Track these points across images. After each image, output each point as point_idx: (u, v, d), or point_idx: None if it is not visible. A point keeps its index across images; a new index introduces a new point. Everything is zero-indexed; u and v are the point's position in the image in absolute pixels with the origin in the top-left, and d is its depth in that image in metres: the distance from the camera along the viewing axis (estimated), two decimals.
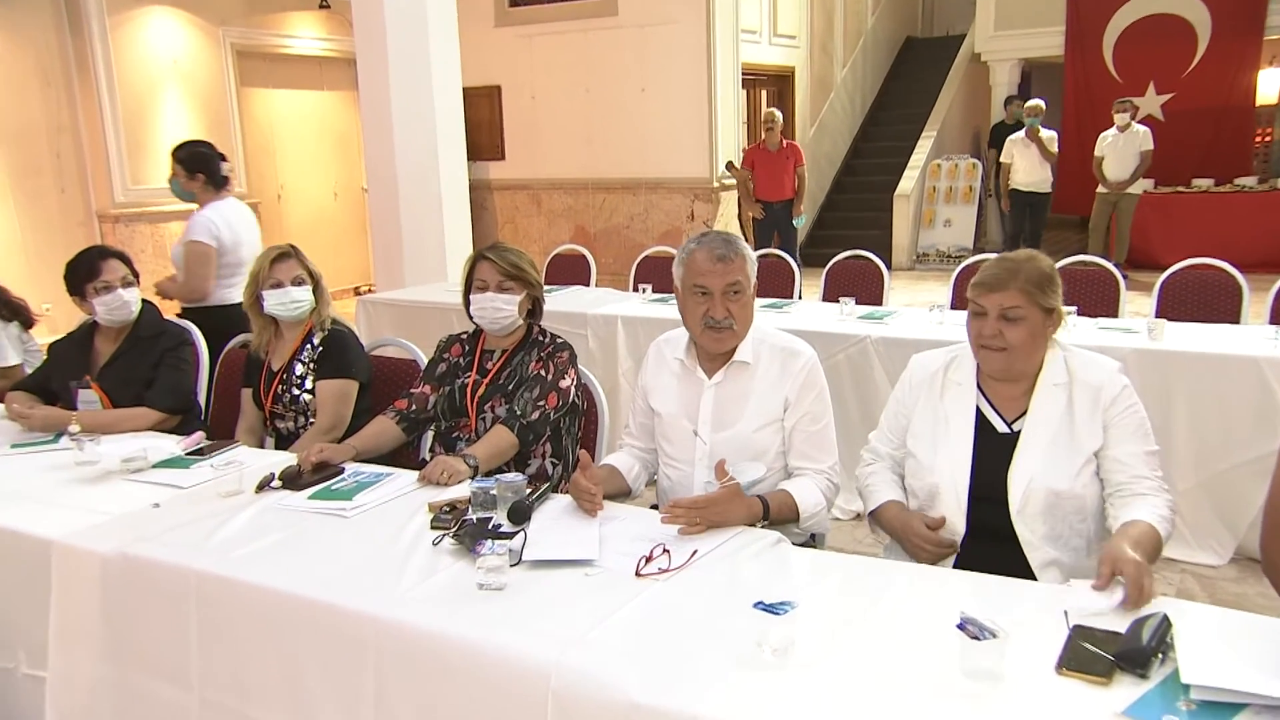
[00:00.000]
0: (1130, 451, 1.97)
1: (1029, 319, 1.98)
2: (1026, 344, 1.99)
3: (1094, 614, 1.55)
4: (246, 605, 1.80)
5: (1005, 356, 2.00)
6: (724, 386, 2.26)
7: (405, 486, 2.27)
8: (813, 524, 2.18)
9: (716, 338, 2.20)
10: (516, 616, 1.63)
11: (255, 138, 9.17)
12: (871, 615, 1.60)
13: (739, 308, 2.19)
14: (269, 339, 2.99)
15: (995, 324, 1.99)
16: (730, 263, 2.18)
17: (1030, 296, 1.98)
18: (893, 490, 2.17)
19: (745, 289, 2.20)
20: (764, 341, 2.27)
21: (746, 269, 2.21)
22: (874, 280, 5.01)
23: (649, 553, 1.80)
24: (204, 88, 8.57)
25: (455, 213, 6.52)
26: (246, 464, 2.43)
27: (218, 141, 4.65)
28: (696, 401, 2.28)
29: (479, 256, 2.67)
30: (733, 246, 2.20)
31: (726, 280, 2.17)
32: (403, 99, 6.13)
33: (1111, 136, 8.48)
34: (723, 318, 2.18)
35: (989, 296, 2.00)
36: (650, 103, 9.15)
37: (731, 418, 2.24)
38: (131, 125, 7.94)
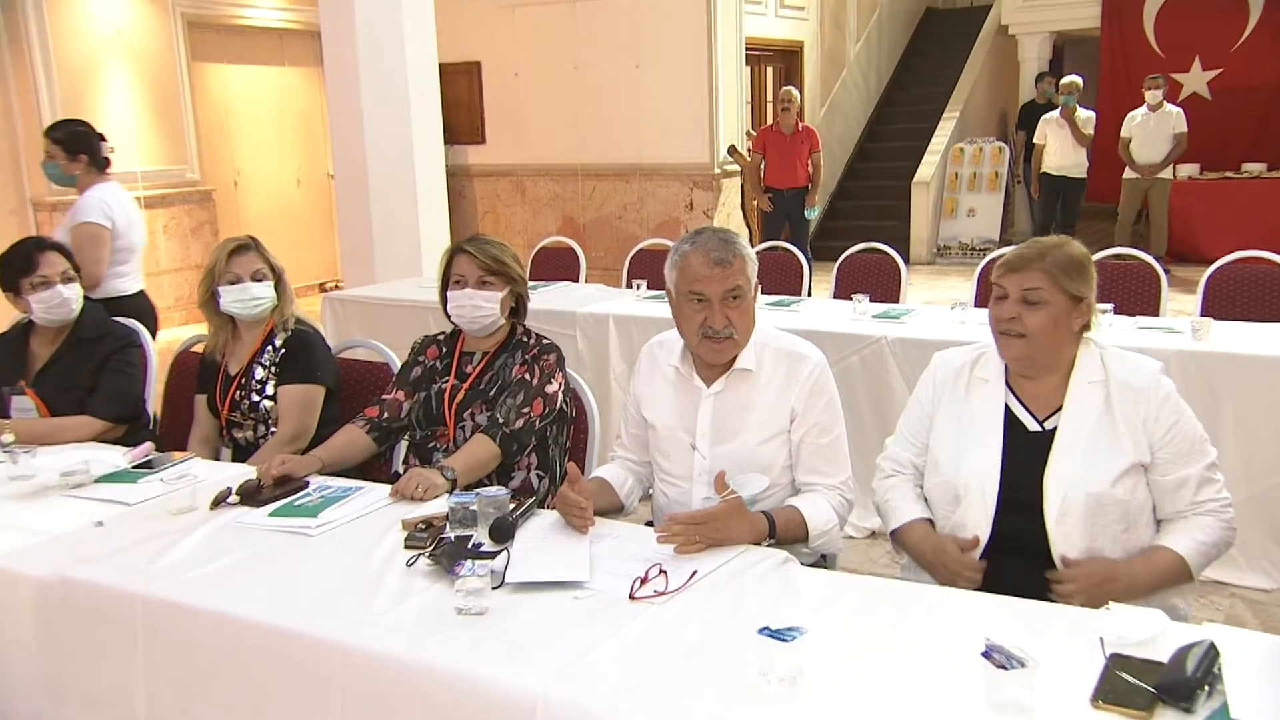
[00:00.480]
0: (1185, 476, 2.00)
1: (1051, 304, 2.00)
2: (1047, 331, 2.01)
3: (1134, 641, 1.55)
4: (199, 634, 1.80)
5: (1023, 344, 2.01)
6: (724, 396, 2.26)
7: (376, 502, 2.26)
8: (823, 543, 2.18)
9: (716, 348, 2.20)
10: (499, 644, 1.62)
11: (209, 118, 9.17)
12: (888, 642, 1.61)
13: (739, 315, 2.18)
14: (225, 340, 2.99)
15: (1014, 307, 2.02)
16: (729, 266, 2.16)
17: (1054, 280, 2.00)
18: (918, 507, 2.17)
19: (746, 293, 2.19)
20: (767, 346, 2.27)
21: (747, 271, 2.20)
22: (890, 276, 5.02)
23: (644, 574, 1.81)
24: (151, 62, 8.56)
25: (431, 201, 6.52)
26: (200, 478, 2.42)
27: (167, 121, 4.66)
28: (694, 412, 2.28)
29: (457, 249, 2.68)
30: (731, 247, 2.18)
31: (725, 286, 2.16)
32: (373, 76, 6.13)
33: (1141, 116, 8.50)
34: (722, 327, 2.17)
35: (1010, 277, 2.03)
36: (645, 81, 9.16)
37: (733, 430, 2.24)
38: (70, 104, 7.91)
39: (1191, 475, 2.00)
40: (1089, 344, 2.08)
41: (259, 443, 2.91)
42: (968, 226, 10.31)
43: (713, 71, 8.92)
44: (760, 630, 1.62)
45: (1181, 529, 2.00)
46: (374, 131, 6.20)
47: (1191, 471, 2.00)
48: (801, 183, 7.94)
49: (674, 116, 9.11)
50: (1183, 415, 2.02)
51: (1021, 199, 10.72)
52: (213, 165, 9.21)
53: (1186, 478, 2.00)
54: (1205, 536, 1.98)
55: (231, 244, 2.94)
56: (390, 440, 2.74)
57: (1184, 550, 1.96)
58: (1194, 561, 1.96)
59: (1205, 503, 2.01)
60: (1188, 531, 1.99)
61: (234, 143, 9.50)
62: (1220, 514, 2.01)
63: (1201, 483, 2.01)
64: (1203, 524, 1.99)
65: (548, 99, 9.62)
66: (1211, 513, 2.01)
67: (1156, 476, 2.01)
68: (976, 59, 11.41)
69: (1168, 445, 2.00)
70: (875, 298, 4.47)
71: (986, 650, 1.50)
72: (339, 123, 6.30)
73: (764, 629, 1.62)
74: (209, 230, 9.06)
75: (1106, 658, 1.52)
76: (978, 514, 2.05)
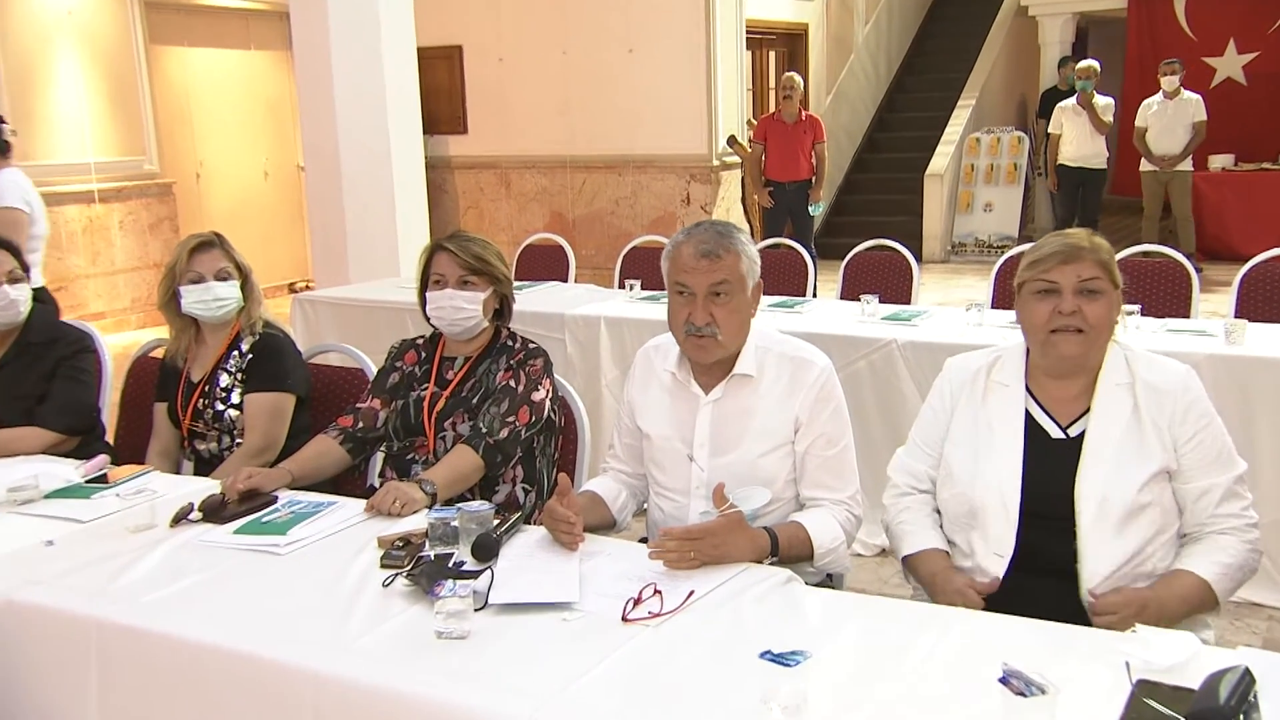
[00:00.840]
0: (1209, 486, 2.01)
1: (1108, 294, 2.03)
2: (1107, 325, 2.03)
3: (1162, 667, 1.56)
4: (159, 661, 1.80)
5: (1084, 340, 2.02)
6: (723, 404, 2.27)
7: (350, 518, 2.27)
8: (830, 562, 2.19)
9: (698, 345, 2.21)
10: (481, 670, 1.63)
11: (168, 106, 9.16)
12: (898, 667, 1.61)
13: (726, 313, 2.19)
14: (188, 344, 2.99)
15: (1074, 299, 2.02)
16: (717, 260, 2.18)
17: (1106, 268, 2.04)
18: (932, 534, 2.17)
19: (735, 291, 2.19)
20: (770, 350, 2.28)
21: (740, 267, 2.20)
22: (901, 275, 5.04)
23: (637, 594, 1.81)
24: (106, 45, 8.55)
25: (409, 196, 6.52)
26: (159, 493, 2.42)
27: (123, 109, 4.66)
28: (691, 421, 2.28)
29: (436, 247, 2.68)
30: (724, 240, 2.20)
31: (710, 280, 2.17)
32: (346, 60, 6.13)
33: (1157, 104, 8.54)
34: (704, 323, 2.18)
35: (1063, 269, 2.03)
36: (639, 66, 9.18)
37: (733, 440, 2.25)
38: (17, 90, 7.91)
39: (1216, 486, 2.01)
40: (1114, 346, 2.10)
41: (223, 455, 2.91)
42: (984, 222, 10.34)
43: (711, 56, 8.94)
44: (762, 654, 1.63)
45: (1201, 551, 2.00)
46: (347, 120, 6.21)
47: (1216, 482, 2.01)
48: (805, 175, 7.95)
49: (670, 104, 9.12)
50: (1211, 422, 2.03)
51: (1042, 192, 10.74)
52: (173, 156, 9.21)
53: (1210, 488, 2.01)
54: (1228, 558, 1.98)
55: (194, 241, 2.94)
56: (365, 452, 2.74)
57: (1207, 574, 1.96)
58: (1219, 586, 1.97)
59: (1227, 518, 2.01)
60: (1208, 554, 1.99)
61: (196, 132, 9.50)
62: (1243, 534, 2.01)
63: (1226, 496, 2.02)
64: (1223, 544, 2.00)
65: (534, 86, 9.63)
66: (1233, 531, 2.01)
67: (1179, 484, 2.03)
68: (994, 42, 11.45)
69: (1193, 451, 2.01)
70: (885, 298, 4.49)
71: (1004, 676, 1.50)
72: (310, 110, 6.30)
73: (766, 653, 1.63)
74: (169, 226, 9.05)
75: (1133, 684, 1.52)
76: (999, 528, 2.06)
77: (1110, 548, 2.00)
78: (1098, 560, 2.00)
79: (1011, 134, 10.50)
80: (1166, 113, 8.50)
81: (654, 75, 9.14)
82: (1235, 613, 3.34)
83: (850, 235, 7.32)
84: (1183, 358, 3.28)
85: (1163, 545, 2.03)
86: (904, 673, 1.59)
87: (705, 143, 9.10)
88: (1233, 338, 3.58)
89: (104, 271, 8.67)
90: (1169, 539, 2.04)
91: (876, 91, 12.10)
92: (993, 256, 9.31)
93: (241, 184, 9.93)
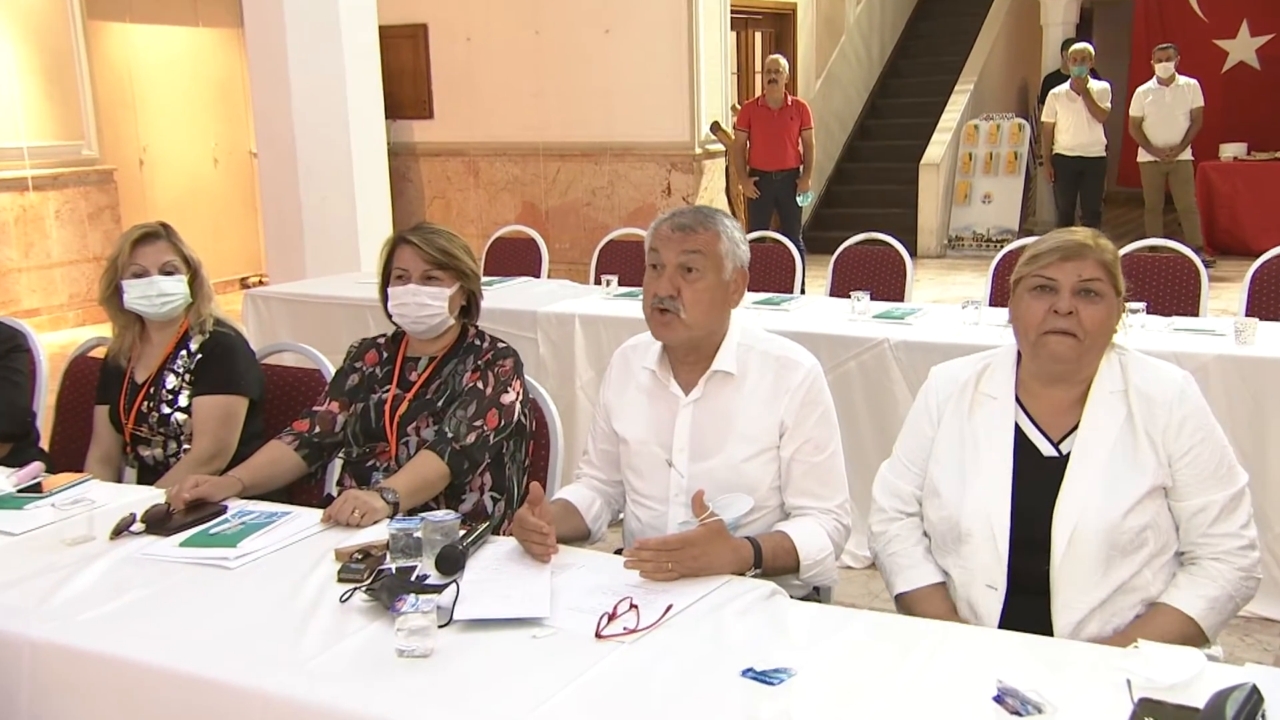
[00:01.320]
0: (1205, 503, 2.00)
1: (1108, 299, 2.02)
2: (1104, 331, 2.02)
3: (1165, 685, 1.57)
4: (97, 684, 1.78)
5: (1076, 345, 2.00)
6: (704, 405, 2.28)
7: (306, 529, 2.26)
8: (816, 574, 2.20)
9: (661, 321, 2.23)
10: (446, 691, 1.63)
11: (109, 87, 9.10)
12: (888, 685, 1.62)
13: (693, 292, 2.20)
14: (131, 343, 2.98)
15: (1071, 300, 2.00)
16: (690, 234, 2.21)
17: (1109, 271, 2.03)
18: (927, 568, 2.15)
19: (707, 270, 2.21)
20: (753, 348, 2.29)
21: (717, 247, 2.22)
22: (894, 270, 5.07)
23: (612, 609, 1.82)
24: (39, 20, 8.48)
25: (370, 184, 6.50)
26: (99, 503, 2.40)
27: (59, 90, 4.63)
28: (671, 424, 2.29)
29: (399, 239, 2.68)
30: (704, 218, 2.23)
31: (681, 248, 2.20)
32: (302, 38, 6.11)
33: (1153, 92, 8.61)
34: (666, 294, 2.19)
35: (1062, 266, 2.01)
36: (616, 47, 9.19)
37: (714, 444, 2.26)
38: None
39: (1213, 504, 1.99)
40: (1110, 350, 2.09)
41: (169, 462, 2.90)
42: (983, 214, 10.40)
43: (694, 37, 8.96)
44: (744, 672, 1.64)
45: (1187, 583, 1.99)
46: (304, 103, 6.18)
47: (1213, 499, 1.99)
48: (792, 164, 7.98)
49: (649, 89, 9.13)
50: (1209, 435, 2.01)
51: (1045, 183, 10.81)
52: (114, 141, 9.14)
53: (1206, 505, 1.99)
54: (1216, 590, 1.97)
55: (137, 232, 2.93)
56: (322, 458, 2.73)
57: (1193, 610, 1.95)
58: (1206, 621, 1.95)
59: (1221, 538, 1.99)
60: (1194, 586, 1.98)
61: (139, 115, 9.44)
62: (1236, 558, 1.99)
63: (1222, 514, 1.99)
64: (1213, 573, 1.98)
65: (505, 68, 9.62)
66: (1226, 555, 1.98)
67: (1173, 501, 2.02)
68: (994, 24, 11.52)
69: (1188, 467, 1.99)
70: (877, 295, 4.50)
71: (999, 694, 1.52)
72: (262, 92, 6.27)
73: (748, 671, 1.64)
74: (110, 216, 8.99)
75: (1134, 703, 1.54)
76: (987, 556, 2.05)
77: (1089, 579, 1.98)
78: (1073, 590, 1.99)
79: (1012, 121, 10.56)
80: (1164, 100, 8.58)
81: (633, 57, 9.14)
82: (1245, 628, 3.38)
83: (840, 228, 7.36)
84: (1190, 358, 3.38)
85: (1159, 568, 2.02)
86: (894, 691, 1.60)
87: (687, 129, 9.11)
88: (1243, 337, 3.60)
89: (39, 265, 8.59)
90: (1166, 561, 2.03)
91: (869, 75, 12.15)
92: (991, 251, 9.36)
93: (189, 171, 9.87)
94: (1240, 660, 2.28)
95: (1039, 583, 2.03)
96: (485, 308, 2.78)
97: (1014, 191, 10.37)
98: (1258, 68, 10.28)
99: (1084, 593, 2.00)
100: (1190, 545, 2.03)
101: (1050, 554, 2.01)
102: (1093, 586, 2.00)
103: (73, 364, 3.33)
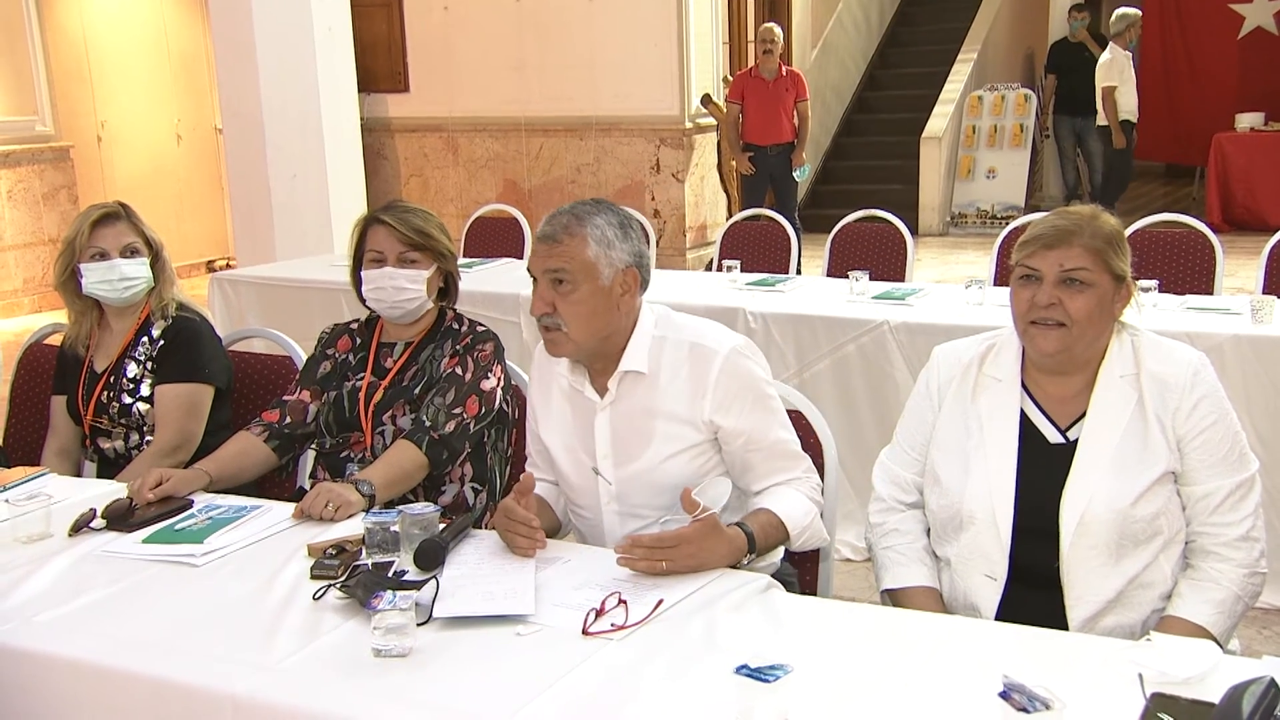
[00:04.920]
0: (1210, 490, 2.01)
1: (1097, 286, 2.01)
2: (1093, 319, 2.02)
3: (1179, 679, 1.58)
4: (55, 688, 1.78)
5: (1063, 335, 2.01)
6: (619, 406, 2.25)
7: (277, 524, 2.26)
8: (807, 539, 2.20)
9: (548, 340, 2.21)
10: (425, 691, 1.63)
11: (64, 59, 9.04)
12: (888, 681, 1.63)
13: (567, 305, 2.15)
14: (89, 329, 2.97)
15: (1053, 290, 2.01)
16: (555, 244, 2.16)
17: (1100, 257, 2.01)
18: (919, 568, 2.17)
19: (578, 281, 2.15)
20: (667, 339, 2.25)
21: (584, 254, 2.15)
22: (894, 249, 5.08)
23: (600, 604, 1.82)
24: None
25: (343, 162, 6.49)
26: (57, 498, 2.39)
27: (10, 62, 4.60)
28: (590, 429, 2.28)
29: (372, 219, 2.68)
30: (570, 223, 2.17)
31: (545, 265, 2.17)
32: (269, 7, 6.08)
33: None
34: (538, 314, 2.18)
35: (1045, 255, 2.02)
36: (602, 16, 9.16)
37: (637, 446, 2.23)
38: None
39: (1219, 489, 2.00)
40: (1122, 329, 2.10)
41: (131, 454, 2.90)
42: (987, 190, 10.42)
43: (683, 5, 8.94)
44: (738, 669, 1.64)
45: (1191, 591, 2.00)
46: (271, 76, 6.16)
47: (1220, 485, 2.00)
48: (787, 138, 7.98)
49: (637, 60, 9.11)
50: (1221, 418, 2.02)
51: (1051, 157, 10.84)
52: (70, 117, 9.10)
53: (1213, 491, 2.01)
54: (1222, 594, 1.98)
55: (96, 213, 2.91)
56: (293, 450, 2.73)
57: (1202, 619, 1.95)
58: (1217, 627, 1.96)
59: (1222, 529, 2.00)
60: (1199, 591, 1.98)
61: (97, 89, 9.38)
62: (1236, 552, 1.99)
63: (1227, 500, 2.00)
64: (1216, 575, 1.99)
65: (484, 38, 9.59)
66: (1225, 548, 1.99)
67: (1181, 486, 2.03)
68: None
69: (1197, 451, 2.00)
70: (876, 275, 4.52)
71: (1004, 690, 1.53)
72: (228, 65, 6.25)
73: (742, 667, 1.64)
74: (66, 196, 8.95)
75: (1146, 698, 1.54)
76: (989, 545, 2.07)
77: (1100, 570, 2.00)
78: (1086, 586, 2.01)
79: (1017, 91, 10.56)
80: None
81: (619, 26, 9.12)
82: (1264, 620, 3.40)
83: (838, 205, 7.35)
84: (1204, 338, 3.39)
85: (1175, 559, 2.04)
86: (895, 688, 1.61)
87: (676, 102, 9.10)
88: (1260, 316, 3.62)
89: None
90: (1181, 551, 2.05)
91: (867, 45, 12.14)
92: (996, 228, 9.37)
93: (150, 148, 9.82)
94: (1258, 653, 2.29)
95: (1046, 575, 2.04)
96: (465, 291, 2.78)
97: (1019, 166, 10.38)
98: (1276, 33, 10.26)
99: (1096, 585, 2.01)
100: (1192, 534, 2.04)
101: (1059, 544, 2.02)
102: (1105, 578, 2.01)
103: (27, 352, 3.31)
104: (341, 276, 2.86)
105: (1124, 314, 2.10)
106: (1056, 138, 10.43)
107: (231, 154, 6.50)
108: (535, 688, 1.61)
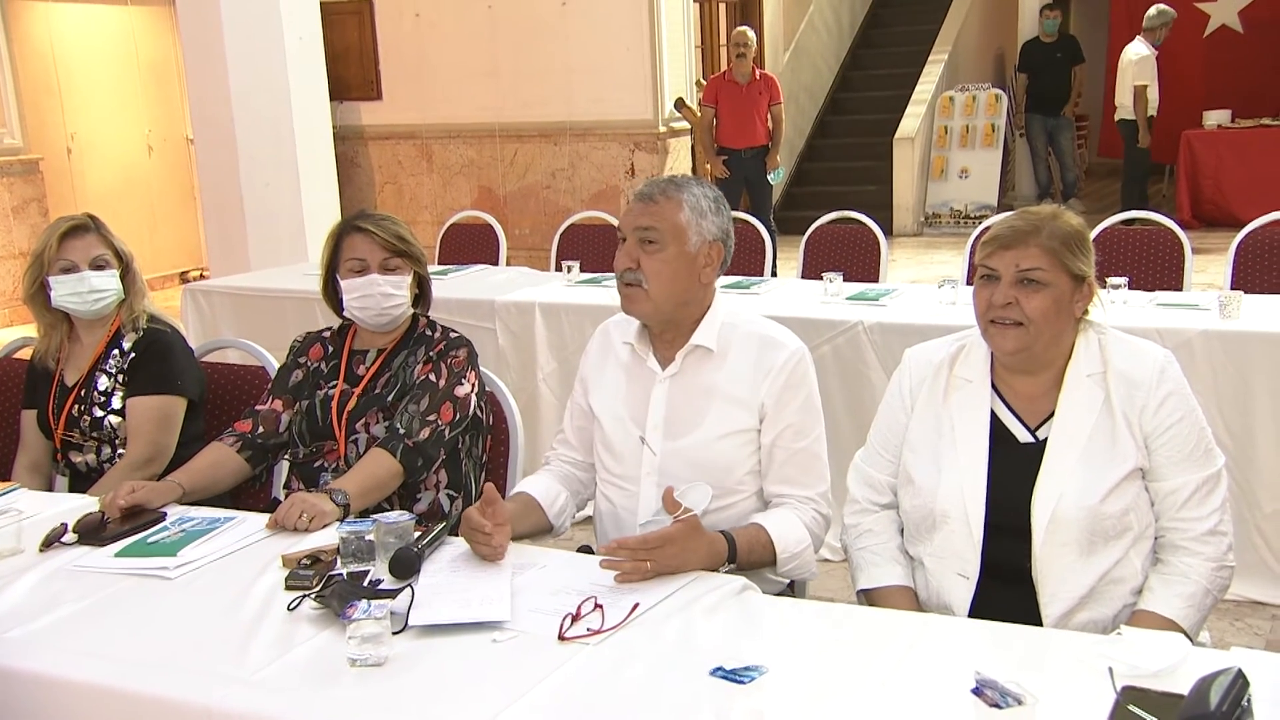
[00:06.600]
0: (1183, 483, 2.03)
1: (1054, 286, 2.04)
2: (1050, 319, 2.04)
3: (1149, 671, 1.59)
4: (27, 705, 1.77)
5: (1021, 335, 2.04)
6: (681, 380, 2.30)
7: (250, 535, 2.25)
8: (794, 568, 2.22)
9: (625, 294, 2.26)
10: (401, 701, 1.63)
11: (32, 70, 8.98)
12: (863, 680, 1.64)
13: (653, 264, 2.22)
14: (59, 342, 2.95)
15: (1009, 290, 2.03)
16: (652, 204, 2.24)
17: (1056, 257, 2.03)
18: (895, 568, 2.18)
19: (667, 242, 2.22)
20: (737, 328, 2.31)
21: (677, 217, 2.23)
22: (868, 250, 5.09)
23: (576, 609, 1.82)
24: None
25: (316, 170, 6.47)
26: (28, 513, 2.38)
27: None
28: (646, 399, 2.31)
29: (349, 228, 2.67)
30: (668, 187, 2.26)
31: (638, 222, 2.23)
32: (238, 16, 6.06)
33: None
34: (623, 268, 2.23)
35: (1002, 255, 2.05)
36: (575, 22, 9.16)
37: (690, 421, 2.27)
38: None
39: (1186, 484, 2.03)
40: (1088, 328, 2.12)
41: (103, 468, 2.88)
42: (960, 190, 10.47)
43: (655, 10, 8.95)
44: (713, 671, 1.65)
45: (1161, 585, 2.02)
46: (242, 85, 6.13)
47: (1187, 480, 2.03)
48: (761, 141, 8.00)
49: (610, 65, 9.12)
50: (1188, 414, 2.05)
51: (1023, 156, 10.89)
52: (39, 129, 9.03)
53: (1180, 487, 2.03)
54: (1192, 587, 2.00)
55: (65, 225, 2.90)
56: (266, 460, 2.72)
57: (1172, 612, 1.98)
58: (1187, 621, 1.98)
59: (1189, 523, 2.03)
60: (1167, 586, 2.01)
61: (66, 101, 9.32)
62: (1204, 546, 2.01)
63: (1194, 495, 2.03)
64: (1184, 569, 2.02)
65: (457, 45, 9.57)
66: (1193, 543, 2.02)
67: (1149, 482, 2.06)
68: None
69: (1164, 447, 2.03)
70: (850, 276, 4.53)
71: (977, 686, 1.54)
72: (198, 74, 6.22)
73: (717, 670, 1.65)
74: (37, 209, 8.89)
75: (1117, 691, 1.56)
76: (962, 544, 2.09)
77: (1072, 566, 2.03)
78: (1059, 582, 2.03)
79: (988, 91, 10.61)
80: None
81: (592, 32, 9.12)
82: (1235, 612, 3.43)
83: (812, 207, 7.38)
84: (1174, 334, 3.42)
85: (1145, 554, 2.06)
86: (869, 686, 1.62)
87: (650, 107, 9.11)
88: (1227, 311, 3.64)
89: None
90: (1151, 546, 2.07)
91: (839, 47, 12.18)
92: (969, 228, 9.37)
93: (121, 160, 9.76)
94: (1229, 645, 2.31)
95: (1018, 572, 2.06)
96: (440, 298, 2.78)
97: (992, 165, 10.43)
98: (1241, 31, 10.36)
99: (1068, 581, 2.03)
100: (1161, 530, 2.07)
101: (1030, 542, 2.04)
102: (1077, 574, 2.03)
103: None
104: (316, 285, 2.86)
105: (1091, 312, 2.12)
106: (1029, 137, 10.49)
107: (203, 164, 6.47)
108: (512, 694, 1.62)
